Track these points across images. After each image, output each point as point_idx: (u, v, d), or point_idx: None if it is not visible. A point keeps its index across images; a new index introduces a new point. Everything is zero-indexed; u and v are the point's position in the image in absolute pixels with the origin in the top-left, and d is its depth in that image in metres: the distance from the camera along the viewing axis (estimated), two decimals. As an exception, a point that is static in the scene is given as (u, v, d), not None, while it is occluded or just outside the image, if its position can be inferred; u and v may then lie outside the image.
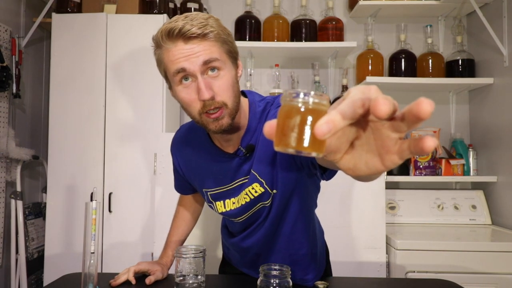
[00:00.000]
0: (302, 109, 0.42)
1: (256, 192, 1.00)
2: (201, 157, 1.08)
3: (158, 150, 1.94)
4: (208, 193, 1.10)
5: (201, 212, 1.40)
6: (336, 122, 0.39)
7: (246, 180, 1.01)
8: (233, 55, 0.91)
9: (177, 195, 1.91)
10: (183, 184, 1.25)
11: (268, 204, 1.03)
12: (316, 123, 0.39)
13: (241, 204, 1.04)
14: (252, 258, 1.18)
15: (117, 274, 1.17)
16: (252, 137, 0.98)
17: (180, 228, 1.32)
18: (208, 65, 0.85)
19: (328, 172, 0.82)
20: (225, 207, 1.08)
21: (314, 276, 1.16)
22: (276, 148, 0.43)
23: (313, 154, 0.42)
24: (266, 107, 0.99)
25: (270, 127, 0.44)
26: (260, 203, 1.03)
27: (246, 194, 1.01)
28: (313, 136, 0.41)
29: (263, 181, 0.98)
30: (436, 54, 2.38)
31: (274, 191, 1.00)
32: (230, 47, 0.90)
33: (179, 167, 1.18)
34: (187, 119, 2.53)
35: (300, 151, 0.42)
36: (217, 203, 1.09)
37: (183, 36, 0.82)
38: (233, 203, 1.06)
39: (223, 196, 1.08)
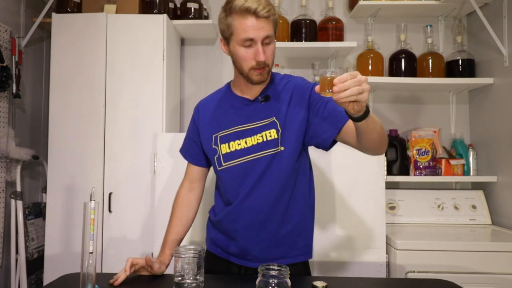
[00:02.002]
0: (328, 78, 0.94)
1: (270, 136, 1.22)
2: (220, 106, 1.32)
3: (158, 150, 1.94)
4: (219, 135, 1.27)
5: (198, 211, 1.41)
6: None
7: (267, 123, 1.23)
8: (275, 32, 1.22)
9: (175, 195, 1.91)
10: (192, 148, 1.36)
11: (271, 154, 1.21)
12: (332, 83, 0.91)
13: (252, 145, 1.22)
14: (246, 235, 1.24)
15: (117, 274, 1.17)
16: (268, 90, 1.28)
17: (177, 227, 1.35)
18: (266, 39, 1.16)
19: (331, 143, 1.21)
20: (229, 148, 1.25)
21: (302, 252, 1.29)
22: (321, 93, 0.96)
23: (330, 95, 0.94)
24: (284, 76, 1.33)
25: (317, 88, 0.97)
26: (266, 151, 1.21)
27: (261, 136, 1.22)
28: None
29: (280, 129, 1.22)
30: (436, 54, 2.37)
31: (282, 148, 1.21)
32: (276, 26, 1.21)
33: (196, 124, 1.35)
34: (187, 119, 2.54)
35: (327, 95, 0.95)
36: (222, 145, 1.26)
37: (256, 14, 1.12)
38: (238, 144, 1.24)
39: (232, 138, 1.25)
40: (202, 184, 1.43)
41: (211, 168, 1.37)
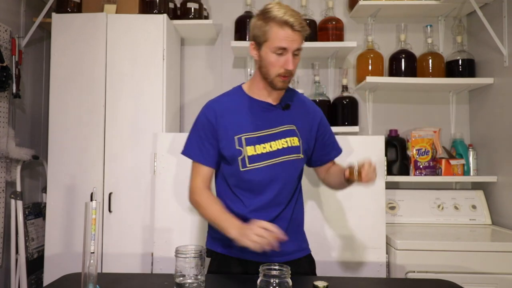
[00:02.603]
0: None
1: (293, 143, 1.33)
2: (239, 109, 1.35)
3: (158, 150, 1.94)
4: (243, 137, 1.30)
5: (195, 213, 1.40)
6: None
7: (289, 129, 1.34)
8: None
9: (175, 195, 1.91)
10: (207, 150, 1.33)
11: (293, 159, 1.33)
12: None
13: (277, 149, 1.31)
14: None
15: (117, 274, 1.17)
16: (287, 99, 1.38)
17: (219, 204, 1.32)
18: (296, 50, 1.25)
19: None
20: (255, 151, 1.30)
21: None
22: (349, 178, 1.26)
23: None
24: (295, 90, 1.47)
25: (346, 173, 1.27)
26: (289, 156, 1.32)
27: (286, 141, 1.32)
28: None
29: (300, 138, 1.35)
30: (436, 54, 2.38)
31: (302, 155, 1.35)
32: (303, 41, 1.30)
33: (213, 126, 1.33)
34: (187, 119, 2.54)
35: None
36: (248, 147, 1.30)
37: (292, 27, 1.22)
38: (264, 147, 1.30)
39: (257, 141, 1.30)
40: (211, 184, 1.42)
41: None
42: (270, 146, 1.31)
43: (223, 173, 1.37)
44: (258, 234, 1.10)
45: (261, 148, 1.30)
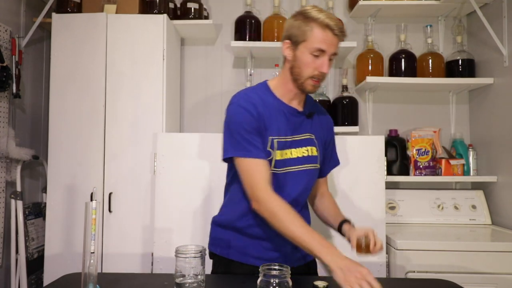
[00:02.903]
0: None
1: (312, 152, 1.32)
2: (270, 110, 1.28)
3: (158, 150, 1.94)
4: (275, 140, 1.26)
5: (198, 216, 1.38)
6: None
7: (310, 138, 1.33)
8: None
9: (175, 195, 1.91)
10: (259, 143, 1.22)
11: (312, 169, 1.32)
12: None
13: (297, 156, 1.29)
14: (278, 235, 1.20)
15: (117, 274, 1.17)
16: (309, 107, 1.36)
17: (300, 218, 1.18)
18: (333, 55, 1.24)
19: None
20: (281, 156, 1.26)
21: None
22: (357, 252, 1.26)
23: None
24: (315, 97, 1.43)
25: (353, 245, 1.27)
26: (309, 165, 1.31)
27: (306, 150, 1.31)
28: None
29: (318, 148, 1.34)
30: (436, 54, 2.38)
31: (318, 165, 1.35)
32: None
33: (261, 118, 1.23)
34: (187, 119, 2.54)
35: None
36: (277, 151, 1.26)
37: (333, 31, 1.21)
38: (285, 153, 1.27)
39: (282, 146, 1.27)
40: None
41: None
42: (291, 153, 1.29)
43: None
44: (360, 284, 1.00)
45: (283, 154, 1.27)
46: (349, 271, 1.02)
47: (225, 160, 1.27)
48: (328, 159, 1.45)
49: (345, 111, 2.33)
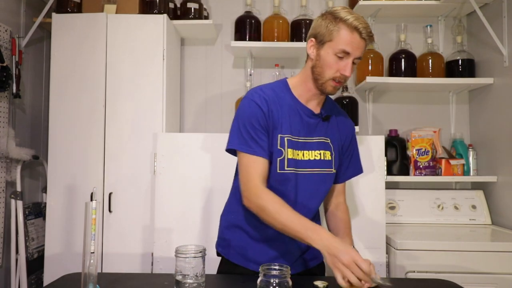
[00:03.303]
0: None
1: (325, 156, 1.29)
2: (285, 108, 1.26)
3: (158, 150, 1.94)
4: (286, 138, 1.23)
5: (201, 218, 1.38)
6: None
7: (324, 142, 1.29)
8: None
9: (175, 195, 1.91)
10: (263, 140, 1.21)
11: (325, 173, 1.28)
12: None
13: (309, 159, 1.26)
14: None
15: (117, 274, 1.17)
16: (327, 110, 1.32)
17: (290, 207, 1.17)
18: (357, 59, 1.21)
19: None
20: (293, 155, 1.24)
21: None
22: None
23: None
24: (334, 102, 1.42)
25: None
26: (322, 169, 1.28)
27: (319, 153, 1.28)
28: None
29: (333, 152, 1.30)
30: (436, 54, 2.38)
31: (334, 170, 1.31)
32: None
33: (268, 114, 1.22)
34: (187, 119, 2.54)
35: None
36: (289, 150, 1.23)
37: (361, 34, 1.18)
38: (297, 154, 1.25)
39: (295, 146, 1.24)
40: None
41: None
42: (303, 155, 1.26)
43: None
44: (351, 269, 1.00)
45: (295, 154, 1.24)
46: (339, 255, 1.03)
47: (228, 151, 1.26)
48: (346, 165, 1.39)
49: (345, 111, 2.32)
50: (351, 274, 1.01)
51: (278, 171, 1.22)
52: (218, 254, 1.38)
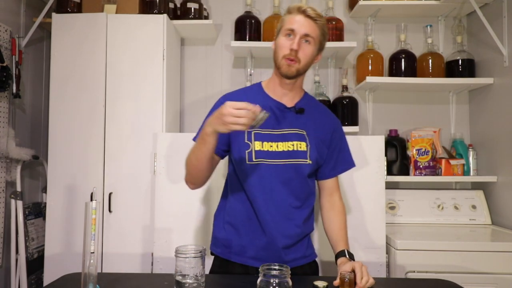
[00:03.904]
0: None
1: (300, 147, 1.32)
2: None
3: (158, 150, 1.94)
4: (253, 132, 1.30)
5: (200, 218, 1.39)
6: None
7: (299, 133, 1.33)
8: (320, 47, 1.34)
9: (175, 195, 1.91)
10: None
11: (299, 163, 1.31)
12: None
13: (283, 150, 1.30)
14: (273, 226, 1.29)
15: (117, 274, 1.17)
16: (302, 104, 1.38)
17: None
18: (305, 37, 1.27)
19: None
20: (262, 147, 1.30)
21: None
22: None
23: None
24: (314, 98, 1.49)
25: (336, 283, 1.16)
26: (295, 159, 1.31)
27: (292, 144, 1.31)
28: None
29: (308, 144, 1.33)
30: (436, 54, 2.38)
31: (310, 161, 1.32)
32: (322, 40, 1.33)
33: None
34: (187, 119, 2.54)
35: None
36: (256, 142, 1.30)
37: (304, 13, 1.27)
38: (271, 146, 1.30)
39: (265, 138, 1.31)
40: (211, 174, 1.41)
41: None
42: (277, 146, 1.31)
43: (234, 169, 1.36)
44: (234, 115, 1.08)
45: (267, 146, 1.30)
46: (219, 111, 1.11)
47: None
48: (335, 160, 1.41)
49: (345, 111, 2.33)
50: (240, 119, 1.07)
51: (247, 162, 1.30)
52: (212, 254, 1.40)
